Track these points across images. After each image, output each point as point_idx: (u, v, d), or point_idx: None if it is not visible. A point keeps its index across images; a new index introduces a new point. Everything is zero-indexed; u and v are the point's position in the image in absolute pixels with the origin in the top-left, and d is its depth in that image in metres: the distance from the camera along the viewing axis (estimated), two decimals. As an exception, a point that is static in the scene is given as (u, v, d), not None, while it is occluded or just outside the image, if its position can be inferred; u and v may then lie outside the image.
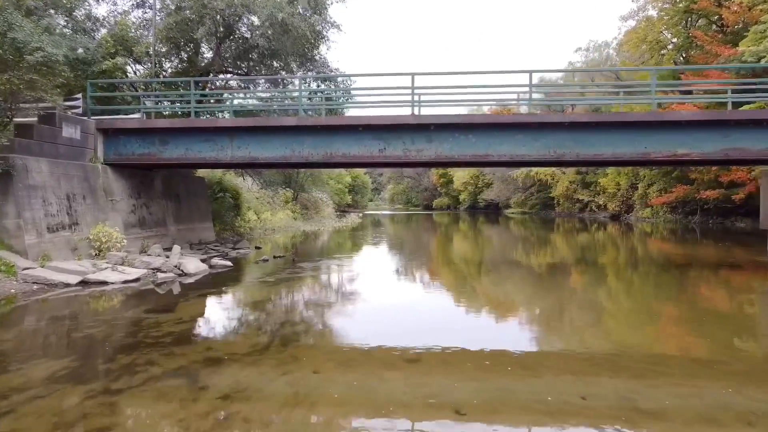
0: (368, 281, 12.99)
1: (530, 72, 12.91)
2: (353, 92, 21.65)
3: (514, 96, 14.88)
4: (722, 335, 7.65)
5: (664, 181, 38.44)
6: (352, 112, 37.69)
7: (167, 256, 13.45)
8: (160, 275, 11.99)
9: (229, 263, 14.36)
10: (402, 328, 8.07)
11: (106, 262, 12.16)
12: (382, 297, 11.07)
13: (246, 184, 30.46)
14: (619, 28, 73.95)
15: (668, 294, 11.30)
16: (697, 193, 34.51)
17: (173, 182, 17.82)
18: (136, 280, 11.47)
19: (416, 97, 13.46)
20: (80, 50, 16.28)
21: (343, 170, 75.36)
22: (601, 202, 48.02)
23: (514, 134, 13.36)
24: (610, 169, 41.18)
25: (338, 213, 55.40)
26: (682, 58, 36.25)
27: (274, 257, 16.24)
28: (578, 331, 7.99)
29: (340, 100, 19.57)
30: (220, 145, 14.45)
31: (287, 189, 37.10)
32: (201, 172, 22.34)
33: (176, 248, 13.71)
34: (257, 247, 19.31)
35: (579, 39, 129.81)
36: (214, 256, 15.69)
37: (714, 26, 35.35)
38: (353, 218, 49.37)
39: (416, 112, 13.59)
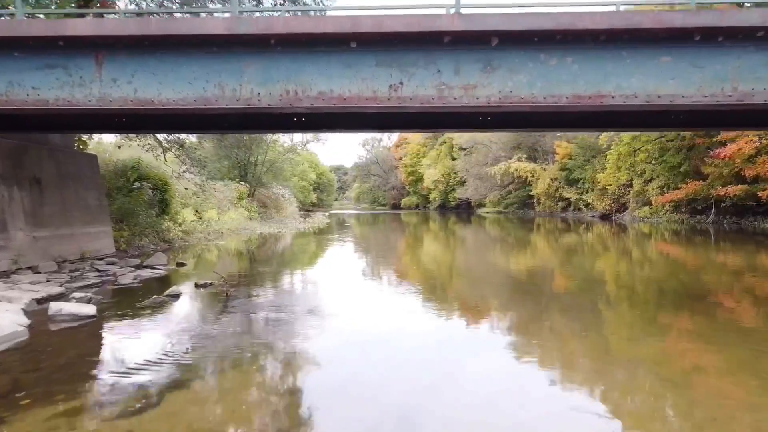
0: (342, 341, 5.98)
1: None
2: None
3: None
4: None
5: (667, 177, 32.58)
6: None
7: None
8: None
9: (89, 311, 6.84)
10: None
11: None
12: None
13: (182, 173, 22.65)
14: None
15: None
16: (711, 189, 28.68)
17: (27, 158, 10.20)
18: None
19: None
20: None
21: (307, 165, 68.02)
22: (590, 201, 42.01)
23: (657, 54, 6.51)
24: (609, 163, 35.13)
25: (302, 212, 47.93)
26: None
27: (198, 286, 8.95)
28: None
29: None
30: (78, 75, 7.06)
31: (242, 183, 29.47)
32: (97, 147, 14.75)
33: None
34: (179, 264, 11.88)
35: None
36: (78, 289, 8.32)
37: None
38: (320, 218, 42.01)
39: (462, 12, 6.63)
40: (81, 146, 13.24)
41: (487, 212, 57.73)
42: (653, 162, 33.56)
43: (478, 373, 4.93)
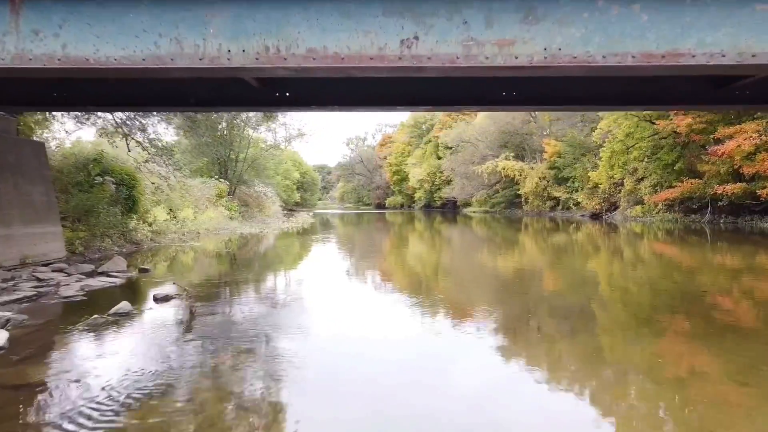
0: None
1: None
2: None
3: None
4: None
5: (661, 175, 31.42)
6: None
7: None
8: None
9: None
10: None
11: None
12: None
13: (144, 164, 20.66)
14: None
15: None
16: (707, 188, 27.50)
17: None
18: None
19: None
20: None
21: (290, 163, 66.02)
22: (579, 200, 40.76)
23: (751, 1, 4.93)
24: (602, 160, 33.85)
25: (286, 212, 46.01)
26: None
27: (157, 300, 7.16)
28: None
29: None
30: (-16, 23, 5.27)
31: (221, 180, 27.49)
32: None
33: None
34: (142, 270, 10.00)
35: None
36: (1, 305, 6.49)
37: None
38: (304, 217, 40.13)
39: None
40: (27, 132, 11.30)
41: (474, 212, 56.34)
42: (646, 160, 32.40)
43: (462, 377, 4.43)
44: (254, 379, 4.32)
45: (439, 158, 67.09)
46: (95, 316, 6.08)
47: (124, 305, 6.41)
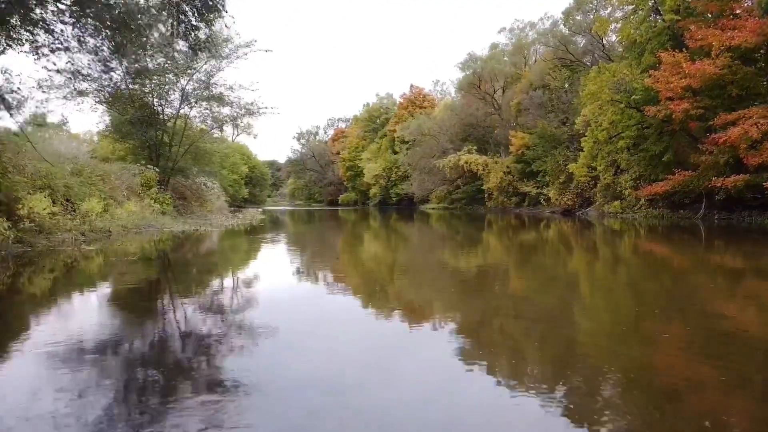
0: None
1: None
2: None
3: None
4: None
5: (645, 167, 28.25)
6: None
7: None
8: None
9: None
10: None
11: None
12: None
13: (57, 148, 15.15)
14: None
15: None
16: (702, 180, 24.36)
17: None
18: None
19: None
20: None
21: (238, 156, 60.04)
22: (550, 195, 37.36)
23: None
24: (583, 152, 30.37)
25: (233, 208, 40.36)
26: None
27: None
28: None
29: None
30: None
31: (150, 168, 21.85)
32: None
33: None
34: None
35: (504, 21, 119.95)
36: None
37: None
38: (252, 213, 34.77)
39: None
40: None
41: (432, 208, 52.28)
42: (629, 150, 29.18)
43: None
44: None
45: (395, 153, 62.83)
46: None
47: None
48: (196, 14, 11.91)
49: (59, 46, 12.55)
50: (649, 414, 2.89)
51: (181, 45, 23.59)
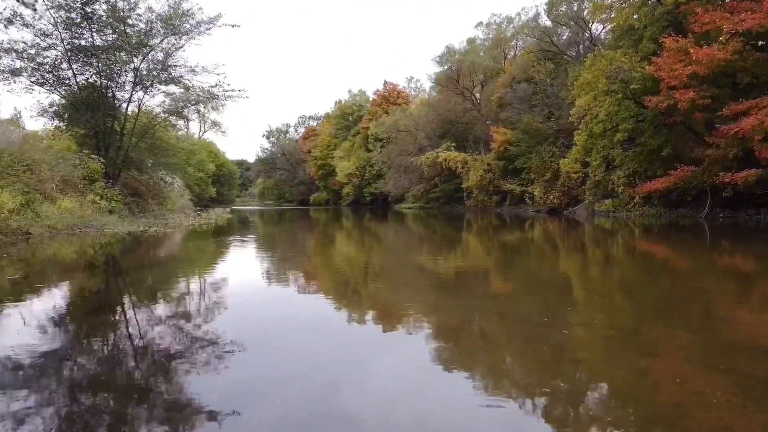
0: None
1: None
2: None
3: None
4: None
5: (640, 163, 26.15)
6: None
7: None
8: None
9: None
10: None
11: None
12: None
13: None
14: None
15: None
16: (706, 176, 22.34)
17: None
18: None
19: None
20: None
21: (205, 154, 56.18)
22: (535, 193, 35.09)
23: None
24: (577, 144, 28.10)
25: (200, 208, 36.65)
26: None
27: None
28: None
29: None
30: None
31: (93, 157, 18.22)
32: None
33: None
34: None
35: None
36: None
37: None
38: (219, 213, 31.30)
39: None
40: None
41: (408, 207, 49.49)
42: (622, 145, 27.09)
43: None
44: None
45: (369, 151, 59.88)
46: None
47: None
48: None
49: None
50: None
51: (134, 18, 20.21)
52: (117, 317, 4.80)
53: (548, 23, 36.80)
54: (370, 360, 3.58)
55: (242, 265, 9.04)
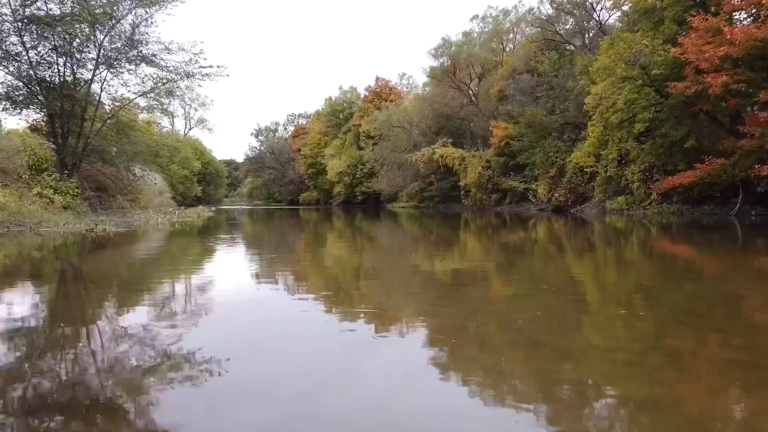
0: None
1: None
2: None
3: None
4: None
5: (658, 156, 23.66)
6: None
7: None
8: None
9: None
10: None
11: None
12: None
13: None
14: None
15: None
16: (737, 170, 19.84)
17: None
18: None
19: None
20: None
21: (190, 151, 53.01)
22: (539, 190, 32.54)
23: None
24: (591, 136, 25.54)
25: (183, 206, 33.55)
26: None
27: None
28: None
29: None
30: None
31: (46, 144, 15.22)
32: None
33: None
34: None
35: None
36: None
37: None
38: (199, 211, 28.34)
39: None
40: None
41: (402, 207, 46.73)
42: (638, 138, 24.63)
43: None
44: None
45: (361, 149, 57.01)
46: None
47: None
48: None
49: None
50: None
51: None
52: None
53: (550, 12, 34.31)
54: (359, 365, 3.26)
55: (207, 280, 6.24)
